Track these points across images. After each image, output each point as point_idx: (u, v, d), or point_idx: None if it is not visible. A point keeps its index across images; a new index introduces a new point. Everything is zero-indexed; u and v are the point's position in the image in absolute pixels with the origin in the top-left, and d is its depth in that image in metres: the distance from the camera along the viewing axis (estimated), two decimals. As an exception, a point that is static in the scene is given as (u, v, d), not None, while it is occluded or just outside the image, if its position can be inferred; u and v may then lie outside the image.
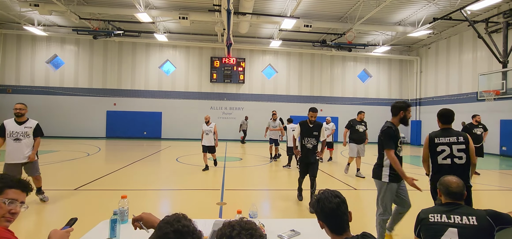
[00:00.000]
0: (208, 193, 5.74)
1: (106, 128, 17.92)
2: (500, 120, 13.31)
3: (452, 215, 1.94)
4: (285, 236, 1.90)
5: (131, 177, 7.05)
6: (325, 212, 1.48)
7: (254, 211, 2.07)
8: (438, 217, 1.97)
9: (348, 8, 13.28)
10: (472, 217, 1.89)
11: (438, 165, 3.09)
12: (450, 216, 1.94)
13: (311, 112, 4.93)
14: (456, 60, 16.02)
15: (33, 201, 4.77)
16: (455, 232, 1.87)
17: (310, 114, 4.93)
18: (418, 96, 19.16)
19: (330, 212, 1.47)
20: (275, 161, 9.89)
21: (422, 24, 13.46)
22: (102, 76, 18.14)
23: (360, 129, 7.72)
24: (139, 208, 4.61)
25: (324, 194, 1.53)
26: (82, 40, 17.75)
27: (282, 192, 6.10)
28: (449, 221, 1.93)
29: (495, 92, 11.58)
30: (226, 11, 10.44)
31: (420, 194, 3.30)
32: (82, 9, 13.35)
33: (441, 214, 1.97)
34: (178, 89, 18.65)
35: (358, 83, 20.12)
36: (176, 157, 10.42)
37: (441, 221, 1.95)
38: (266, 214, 4.69)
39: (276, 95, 19.34)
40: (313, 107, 4.98)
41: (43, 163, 8.36)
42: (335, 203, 1.48)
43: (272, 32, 16.96)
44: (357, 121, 7.81)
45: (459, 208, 1.99)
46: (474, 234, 1.84)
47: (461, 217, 1.92)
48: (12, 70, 17.37)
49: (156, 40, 16.97)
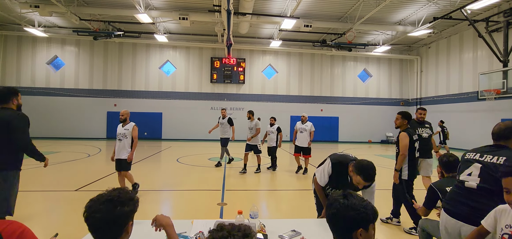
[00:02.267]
0: (209, 193, 5.74)
1: (107, 128, 17.93)
2: (501, 119, 13.28)
3: (486, 154, 2.16)
4: (286, 237, 1.90)
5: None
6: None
7: (255, 211, 2.07)
8: (472, 155, 2.25)
9: (348, 8, 13.28)
10: (502, 158, 2.04)
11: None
12: (483, 155, 2.17)
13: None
14: (456, 60, 16.00)
15: (34, 202, 4.77)
16: (478, 167, 2.12)
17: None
18: (419, 96, 19.15)
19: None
20: (242, 172, 7.74)
21: (422, 24, 13.45)
22: (102, 77, 18.16)
23: (424, 134, 5.16)
24: (139, 209, 4.60)
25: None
26: (82, 41, 17.78)
27: (283, 192, 6.09)
28: (479, 158, 2.17)
29: (496, 92, 11.57)
30: (226, 12, 10.44)
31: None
32: (82, 10, 13.36)
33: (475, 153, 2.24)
34: (179, 89, 18.67)
35: (358, 83, 20.12)
36: (177, 158, 10.43)
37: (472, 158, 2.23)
38: (267, 215, 4.69)
39: (277, 95, 19.34)
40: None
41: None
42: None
43: (272, 32, 16.96)
44: (416, 122, 5.18)
45: (497, 150, 2.14)
46: (493, 169, 2.02)
47: (492, 156, 2.11)
48: (12, 72, 17.39)
49: (156, 41, 16.98)
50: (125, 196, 1.31)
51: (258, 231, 1.88)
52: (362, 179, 2.40)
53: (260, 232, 1.88)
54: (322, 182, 2.93)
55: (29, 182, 6.29)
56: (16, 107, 3.02)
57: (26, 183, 6.24)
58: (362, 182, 2.42)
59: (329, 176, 2.88)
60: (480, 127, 13.95)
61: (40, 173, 7.17)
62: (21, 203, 4.66)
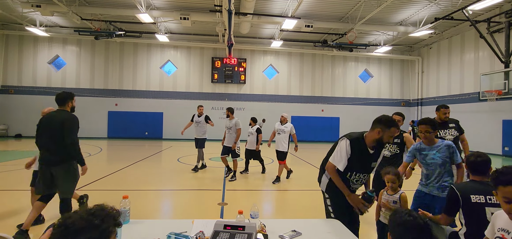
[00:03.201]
0: (209, 193, 5.74)
1: (108, 128, 17.96)
2: (502, 120, 13.25)
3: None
4: (287, 237, 1.90)
5: (133, 177, 7.06)
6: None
7: (255, 211, 2.06)
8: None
9: (349, 8, 13.26)
10: None
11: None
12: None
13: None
14: (458, 60, 15.97)
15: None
16: None
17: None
18: (420, 97, 19.12)
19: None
20: (231, 179, 6.68)
21: (423, 24, 13.42)
22: (103, 76, 18.20)
23: (447, 137, 4.26)
24: (140, 208, 4.62)
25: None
26: (83, 41, 17.81)
27: (283, 192, 6.09)
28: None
29: (497, 92, 11.54)
30: (227, 12, 10.44)
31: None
32: (83, 10, 13.39)
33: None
34: (179, 89, 18.69)
35: (359, 83, 20.10)
36: (177, 157, 10.43)
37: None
38: (268, 215, 4.69)
39: (277, 95, 19.34)
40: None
41: (45, 163, 8.40)
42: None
43: (273, 32, 16.96)
44: (438, 124, 4.11)
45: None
46: None
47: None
48: (14, 71, 17.43)
49: (158, 41, 17.00)
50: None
51: (259, 231, 1.88)
52: (395, 128, 2.42)
53: (260, 232, 1.88)
54: (341, 166, 2.46)
55: (29, 182, 6.30)
56: (70, 109, 3.54)
57: (26, 182, 6.25)
58: (395, 131, 2.44)
59: (348, 158, 2.46)
60: (481, 127, 13.91)
61: (41, 172, 7.19)
62: (22, 202, 4.68)
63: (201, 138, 7.75)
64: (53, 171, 3.29)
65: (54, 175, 3.30)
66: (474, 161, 2.30)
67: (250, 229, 1.73)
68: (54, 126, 3.29)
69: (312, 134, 18.58)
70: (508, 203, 1.52)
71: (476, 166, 2.28)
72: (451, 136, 4.17)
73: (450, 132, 4.18)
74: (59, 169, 3.30)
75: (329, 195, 2.60)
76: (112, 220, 1.02)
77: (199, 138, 7.76)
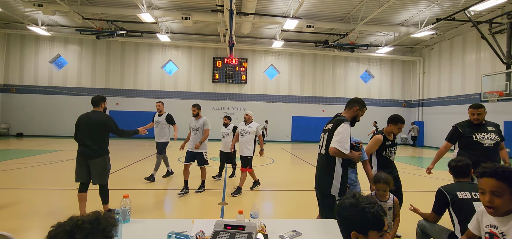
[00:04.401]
0: (210, 193, 5.74)
1: (109, 127, 17.98)
2: (504, 121, 13.20)
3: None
4: (287, 237, 1.90)
5: (133, 176, 7.07)
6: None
7: (255, 211, 2.06)
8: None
9: (351, 8, 13.25)
10: None
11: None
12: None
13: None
14: (459, 61, 15.93)
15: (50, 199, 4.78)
16: None
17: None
18: (421, 97, 19.07)
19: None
20: (182, 194, 5.38)
21: (425, 25, 13.40)
22: (105, 76, 18.23)
23: (486, 141, 3.54)
24: (141, 208, 4.62)
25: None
26: (85, 40, 17.84)
27: (284, 192, 6.09)
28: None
29: (499, 94, 11.50)
30: (228, 12, 10.45)
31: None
32: (85, 9, 13.42)
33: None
34: (181, 89, 18.70)
35: (360, 84, 20.07)
36: (178, 157, 10.43)
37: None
38: (268, 214, 4.69)
39: (278, 95, 19.33)
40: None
41: (45, 163, 8.42)
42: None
43: (274, 32, 16.95)
44: (473, 125, 3.68)
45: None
46: None
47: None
48: (16, 70, 17.48)
49: (159, 41, 17.02)
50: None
51: (259, 231, 1.88)
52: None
53: (260, 232, 1.88)
54: (347, 150, 2.46)
55: (30, 180, 6.32)
56: (102, 110, 4.02)
57: (27, 181, 6.28)
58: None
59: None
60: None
61: (42, 172, 7.22)
62: (22, 201, 4.69)
63: (160, 142, 6.45)
64: (90, 163, 3.78)
65: (90, 166, 3.79)
66: (455, 166, 2.54)
67: (250, 229, 1.73)
68: (89, 125, 3.81)
69: (313, 134, 18.55)
70: (483, 193, 1.61)
71: (458, 169, 2.52)
72: (491, 140, 3.48)
73: (489, 135, 3.49)
74: (95, 161, 3.78)
75: (341, 197, 2.56)
76: (100, 235, 0.94)
77: (158, 141, 6.47)
